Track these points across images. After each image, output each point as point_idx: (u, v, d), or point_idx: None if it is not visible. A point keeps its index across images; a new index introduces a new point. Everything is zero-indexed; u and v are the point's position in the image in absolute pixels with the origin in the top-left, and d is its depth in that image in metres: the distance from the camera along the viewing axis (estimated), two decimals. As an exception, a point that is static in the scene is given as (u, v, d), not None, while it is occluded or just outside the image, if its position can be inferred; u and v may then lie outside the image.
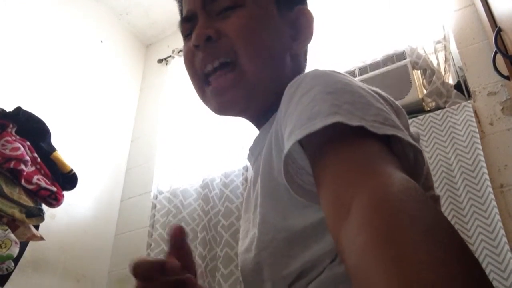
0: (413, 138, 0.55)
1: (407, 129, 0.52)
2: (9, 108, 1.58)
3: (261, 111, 0.66)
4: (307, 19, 0.69)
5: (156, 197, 2.23)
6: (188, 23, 0.68)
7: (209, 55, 0.63)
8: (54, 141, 1.69)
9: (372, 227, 0.29)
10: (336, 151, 0.41)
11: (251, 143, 0.69)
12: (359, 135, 0.40)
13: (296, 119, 0.45)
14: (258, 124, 0.69)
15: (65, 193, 1.63)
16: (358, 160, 0.38)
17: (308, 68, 0.67)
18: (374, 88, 0.52)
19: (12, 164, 1.45)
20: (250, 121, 0.71)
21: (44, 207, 1.56)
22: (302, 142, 0.46)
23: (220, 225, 1.92)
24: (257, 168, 0.62)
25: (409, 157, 0.43)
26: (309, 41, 0.70)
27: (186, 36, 0.69)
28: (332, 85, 0.47)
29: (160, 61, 2.86)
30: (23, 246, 1.51)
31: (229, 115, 0.68)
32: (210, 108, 0.67)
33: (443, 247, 0.26)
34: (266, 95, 0.64)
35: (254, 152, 0.66)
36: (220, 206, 1.98)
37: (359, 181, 0.35)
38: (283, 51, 0.66)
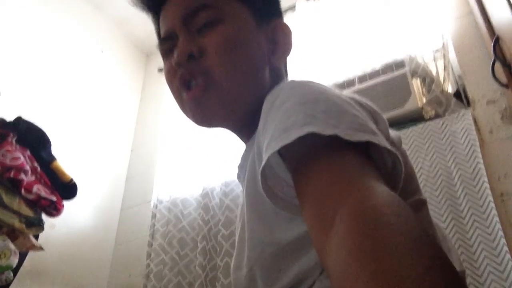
0: (393, 142, 0.55)
1: (387, 133, 0.52)
2: (9, 118, 1.59)
3: (243, 124, 0.66)
4: (285, 33, 0.70)
5: (156, 207, 2.23)
6: (167, 42, 0.68)
7: (191, 72, 0.63)
8: (54, 150, 1.69)
9: (353, 242, 0.29)
10: (314, 163, 0.41)
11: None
12: (336, 144, 0.40)
13: (272, 132, 0.45)
14: (244, 139, 0.69)
15: (64, 202, 1.63)
16: (338, 173, 0.39)
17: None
18: (351, 95, 0.53)
19: (12, 174, 1.45)
20: (238, 135, 0.71)
21: (44, 217, 1.56)
22: (281, 154, 0.46)
23: (220, 234, 1.92)
24: (245, 185, 0.62)
25: (387, 162, 0.43)
26: (288, 54, 0.70)
27: (166, 54, 0.69)
28: (307, 95, 0.47)
29: (160, 70, 2.86)
30: (22, 257, 1.50)
31: (209, 126, 0.67)
32: (190, 118, 0.67)
33: (424, 262, 0.26)
34: (245, 107, 0.64)
35: (243, 169, 0.66)
36: (220, 216, 1.97)
37: (341, 196, 0.36)
38: (262, 65, 0.66)
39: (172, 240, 2.04)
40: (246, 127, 0.66)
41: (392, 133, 0.57)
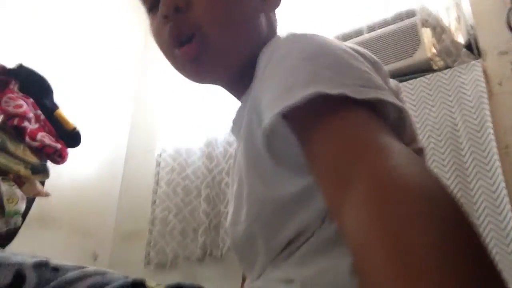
0: (394, 92, 0.54)
1: (387, 83, 0.51)
2: (10, 65, 1.56)
3: (238, 79, 0.63)
4: None
5: (160, 155, 2.25)
6: None
7: (179, 26, 0.59)
8: (57, 99, 1.68)
9: (375, 206, 0.29)
10: (324, 122, 0.40)
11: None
12: (344, 101, 0.39)
13: (274, 89, 0.43)
14: (238, 94, 0.67)
15: (70, 151, 1.64)
16: (351, 130, 0.38)
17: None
18: (352, 45, 0.51)
19: (15, 121, 1.45)
20: (230, 91, 0.69)
21: (49, 164, 1.57)
22: (283, 112, 0.45)
23: (224, 182, 1.94)
24: (241, 140, 0.61)
25: (390, 115, 0.42)
26: (278, 4, 0.67)
27: (150, 9, 0.66)
28: (309, 49, 0.45)
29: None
30: (29, 203, 1.53)
31: (205, 83, 0.65)
32: (184, 75, 0.64)
33: (447, 228, 0.26)
34: (242, 60, 0.61)
35: (237, 123, 0.64)
36: (224, 164, 1.99)
37: (357, 153, 0.35)
38: (254, 14, 0.63)
39: (177, 187, 2.08)
40: (240, 82, 0.63)
41: (391, 81, 0.56)
